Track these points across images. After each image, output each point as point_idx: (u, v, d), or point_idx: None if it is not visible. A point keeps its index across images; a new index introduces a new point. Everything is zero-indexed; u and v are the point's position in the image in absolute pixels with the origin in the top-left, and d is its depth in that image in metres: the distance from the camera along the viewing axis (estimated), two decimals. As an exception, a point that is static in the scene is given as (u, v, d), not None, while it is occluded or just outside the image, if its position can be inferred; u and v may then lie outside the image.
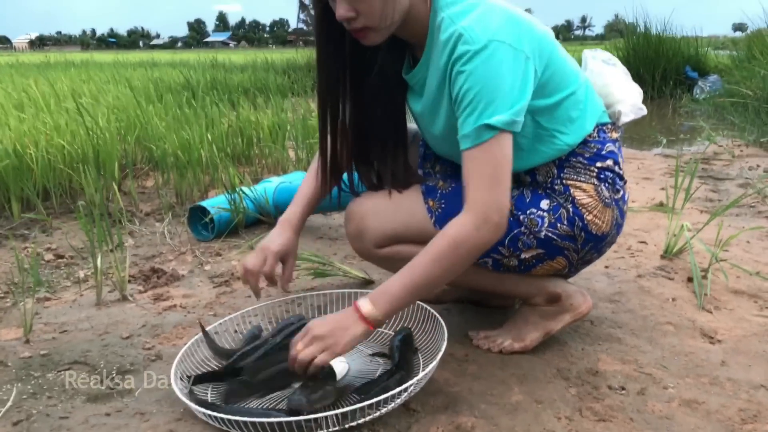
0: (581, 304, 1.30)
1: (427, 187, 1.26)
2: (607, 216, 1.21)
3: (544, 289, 1.28)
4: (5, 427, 1.06)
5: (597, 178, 1.19)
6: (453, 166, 1.31)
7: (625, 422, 1.05)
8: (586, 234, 1.20)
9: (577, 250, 1.22)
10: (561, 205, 1.19)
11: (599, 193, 1.19)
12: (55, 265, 1.87)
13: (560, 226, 1.18)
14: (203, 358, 1.24)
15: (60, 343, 1.37)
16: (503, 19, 1.05)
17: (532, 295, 1.30)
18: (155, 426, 1.06)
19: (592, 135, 1.20)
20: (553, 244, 1.19)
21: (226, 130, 3.03)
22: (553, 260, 1.22)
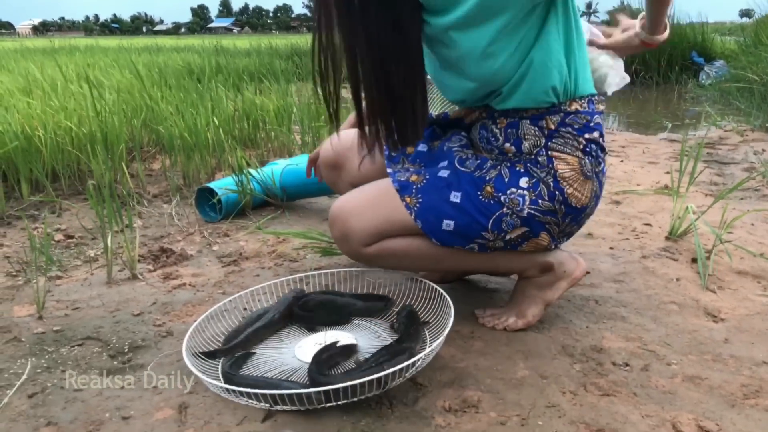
0: (575, 269, 1.31)
1: (401, 184, 1.23)
2: (587, 188, 1.20)
3: (536, 260, 1.29)
4: (21, 399, 1.09)
5: (582, 150, 1.18)
6: (424, 158, 1.30)
7: (629, 397, 1.07)
8: (566, 207, 1.19)
9: (558, 224, 1.21)
10: (541, 180, 1.18)
11: (582, 166, 1.18)
12: (65, 245, 1.90)
13: (542, 202, 1.18)
14: (213, 335, 1.26)
15: (72, 319, 1.39)
16: None
17: (525, 269, 1.31)
18: (167, 399, 1.08)
19: (582, 105, 1.18)
20: (536, 220, 1.19)
21: (232, 114, 3.03)
22: (537, 237, 1.22)
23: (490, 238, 1.20)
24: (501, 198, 1.17)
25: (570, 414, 1.02)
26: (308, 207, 2.27)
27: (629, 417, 1.01)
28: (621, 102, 5.57)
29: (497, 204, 1.18)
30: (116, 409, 1.05)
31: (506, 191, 1.18)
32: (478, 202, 1.18)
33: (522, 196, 1.18)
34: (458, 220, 1.19)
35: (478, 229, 1.19)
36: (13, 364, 1.20)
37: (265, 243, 1.87)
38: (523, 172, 1.19)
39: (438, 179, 1.21)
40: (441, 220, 1.19)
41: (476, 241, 1.21)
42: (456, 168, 1.22)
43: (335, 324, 1.31)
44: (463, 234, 1.20)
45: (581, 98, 1.18)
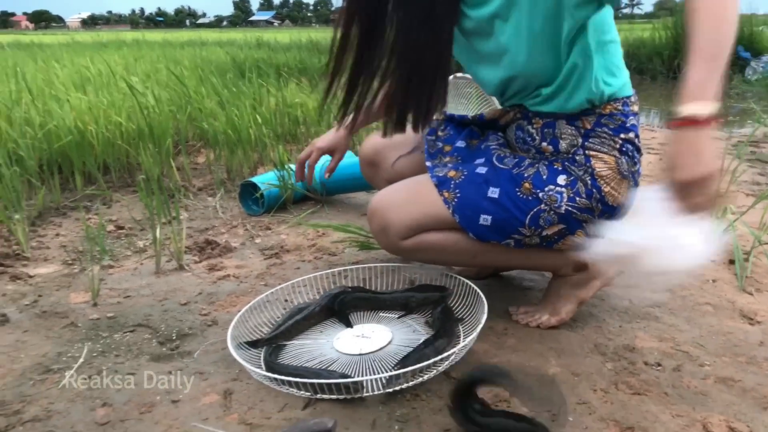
0: (609, 268, 1.32)
1: (439, 179, 1.26)
2: (623, 188, 1.22)
3: (570, 258, 1.30)
4: (78, 380, 1.16)
5: (619, 150, 1.20)
6: (462, 154, 1.33)
7: (660, 396, 1.09)
8: (602, 205, 1.21)
9: (594, 222, 1.23)
10: (578, 178, 1.20)
11: (619, 165, 1.20)
12: (116, 236, 1.99)
13: (579, 200, 1.20)
14: (256, 324, 1.32)
15: (124, 307, 1.47)
16: None
17: (560, 267, 1.33)
18: (213, 384, 1.14)
19: (617, 107, 1.20)
20: (573, 217, 1.21)
21: (273, 110, 3.10)
22: (573, 234, 1.23)
23: (526, 234, 1.22)
24: (539, 194, 1.19)
25: (600, 411, 1.05)
26: (347, 202, 2.32)
27: (659, 416, 1.03)
28: (663, 98, 5.47)
29: (535, 200, 1.20)
30: (166, 392, 1.12)
31: (544, 188, 1.20)
32: (516, 197, 1.20)
33: (560, 193, 1.19)
34: (496, 215, 1.21)
35: (516, 225, 1.21)
36: (70, 347, 1.28)
37: (305, 237, 1.92)
38: (561, 170, 1.21)
39: (476, 175, 1.24)
40: (478, 214, 1.22)
41: (513, 236, 1.23)
42: (494, 165, 1.25)
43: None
44: (500, 229, 1.22)
45: (616, 101, 1.20)
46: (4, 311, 1.43)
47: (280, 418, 1.03)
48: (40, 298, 1.52)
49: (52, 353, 1.26)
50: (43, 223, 2.10)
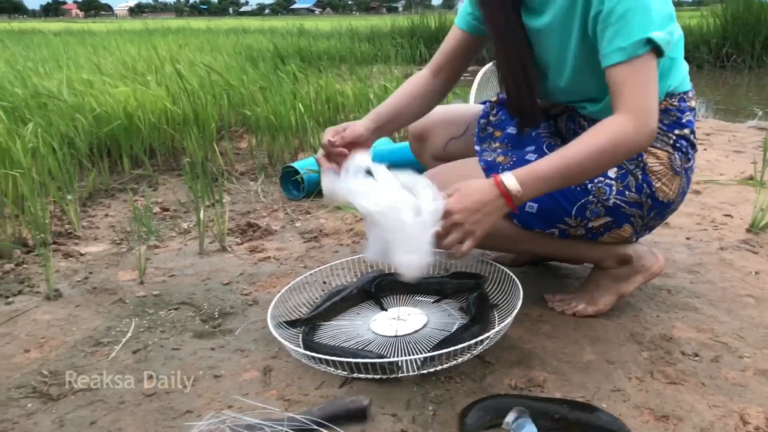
0: (653, 264, 1.32)
1: (487, 163, 1.26)
2: (675, 184, 1.21)
3: (614, 251, 1.30)
4: (126, 354, 1.22)
5: (672, 146, 1.20)
6: (512, 140, 1.33)
7: (697, 386, 1.08)
8: (652, 201, 1.20)
9: (642, 217, 1.23)
10: (629, 172, 1.19)
11: (672, 161, 1.20)
12: (161, 217, 2.05)
13: (628, 194, 1.19)
14: (295, 305, 1.36)
15: (169, 285, 1.52)
16: None
17: (603, 259, 1.32)
18: (253, 361, 1.18)
19: (672, 103, 1.19)
20: (621, 211, 1.20)
21: (314, 97, 3.14)
22: (620, 228, 1.23)
23: (572, 224, 1.22)
24: (588, 185, 1.19)
25: (635, 399, 1.05)
26: (385, 188, 2.34)
27: (695, 406, 1.03)
28: (709, 87, 5.32)
29: (583, 191, 1.19)
30: (209, 368, 1.16)
31: (594, 179, 1.19)
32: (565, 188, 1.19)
33: (609, 185, 1.19)
34: (542, 204, 1.20)
35: (562, 215, 1.21)
36: (119, 323, 1.34)
37: (343, 221, 1.96)
38: None
39: (525, 162, 1.23)
40: (525, 202, 1.23)
41: (558, 226, 1.23)
42: (544, 153, 1.24)
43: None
44: (546, 218, 1.22)
45: (672, 96, 1.19)
46: (57, 287, 1.50)
47: (317, 395, 1.07)
48: (90, 275, 1.58)
49: (102, 327, 1.32)
50: (93, 203, 2.18)
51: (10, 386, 1.10)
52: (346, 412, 0.99)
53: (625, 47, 1.01)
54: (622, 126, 1.02)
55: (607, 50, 1.04)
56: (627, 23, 1.01)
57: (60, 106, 2.49)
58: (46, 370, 1.15)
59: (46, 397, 1.07)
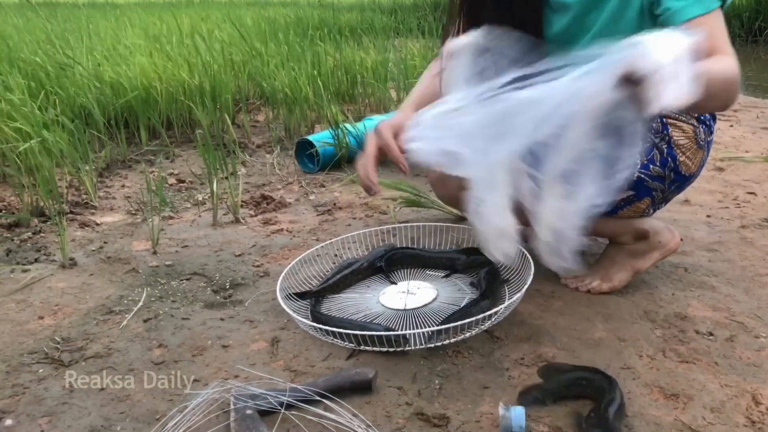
0: (669, 240, 1.30)
1: None
2: (698, 157, 1.20)
3: (631, 226, 1.28)
4: (137, 322, 1.23)
5: (697, 119, 1.18)
6: None
7: (709, 365, 1.06)
8: (675, 175, 1.20)
9: (663, 190, 1.22)
10: (654, 145, 1.17)
11: (696, 134, 1.18)
12: (176, 189, 2.06)
13: (652, 168, 1.18)
14: (306, 277, 1.36)
15: (182, 256, 1.53)
16: None
17: (620, 234, 1.30)
18: (262, 332, 1.18)
19: None
20: (644, 185, 1.20)
21: (332, 69, 3.11)
22: (640, 201, 1.22)
23: None
24: None
25: (645, 377, 1.03)
26: (401, 162, 2.32)
27: (707, 385, 1.01)
28: (741, 62, 5.16)
29: None
30: (217, 338, 1.17)
31: None
32: None
33: None
34: None
35: None
36: (131, 292, 1.35)
37: (357, 195, 1.94)
38: None
39: None
40: None
41: None
42: None
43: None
44: None
45: None
46: (72, 255, 1.52)
47: (324, 367, 1.07)
48: (105, 245, 1.60)
49: (114, 296, 1.33)
50: (110, 174, 2.19)
51: (23, 352, 1.12)
52: (351, 383, 0.98)
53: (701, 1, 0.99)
54: (735, 65, 0.97)
55: (681, 4, 1.00)
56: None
57: (79, 75, 2.50)
58: (58, 337, 1.17)
59: (57, 363, 1.09)
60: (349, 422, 0.90)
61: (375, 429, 0.90)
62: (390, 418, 0.93)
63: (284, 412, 0.93)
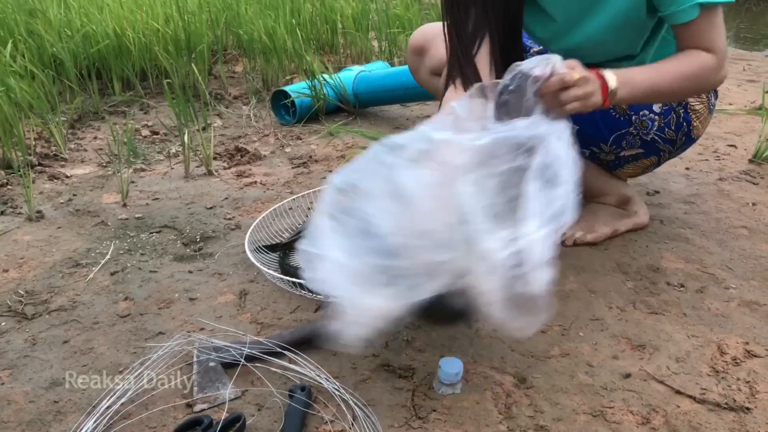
0: (643, 214, 1.35)
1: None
2: (707, 122, 1.26)
3: (618, 189, 1.33)
4: (104, 275, 1.21)
5: None
6: None
7: (678, 317, 1.06)
8: (686, 138, 1.24)
9: (671, 152, 1.27)
10: (673, 109, 1.20)
11: (709, 100, 1.23)
12: (150, 141, 2.01)
13: (667, 131, 1.22)
14: (278, 230, 1.34)
15: (152, 209, 1.50)
16: None
17: (605, 194, 1.33)
18: (230, 285, 1.17)
19: None
20: (655, 145, 1.23)
21: (310, 17, 3.02)
22: (647, 159, 1.27)
23: (605, 150, 1.25)
24: (632, 117, 1.20)
25: (613, 328, 1.03)
26: (380, 115, 2.28)
27: (674, 335, 1.01)
28: (731, 13, 5.09)
29: (626, 122, 1.21)
30: (185, 290, 1.15)
31: (639, 111, 1.20)
32: (608, 116, 1.21)
33: (652, 120, 1.21)
34: (584, 127, 1.16)
35: (599, 140, 1.23)
36: (99, 245, 1.33)
37: (334, 147, 1.91)
38: None
39: None
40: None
41: (591, 148, 1.25)
42: None
43: None
44: (583, 140, 1.18)
45: None
46: (40, 208, 1.48)
47: (291, 319, 1.06)
48: (74, 197, 1.56)
49: (81, 249, 1.31)
50: (82, 126, 2.14)
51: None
52: (317, 336, 0.97)
53: (704, 1, 1.00)
54: (708, 59, 1.04)
55: (683, 6, 1.02)
56: None
57: (49, 24, 2.41)
58: (22, 290, 1.15)
59: (20, 316, 1.07)
60: (313, 373, 0.90)
61: (335, 381, 0.89)
62: (356, 370, 0.93)
63: (247, 364, 0.92)
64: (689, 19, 1.02)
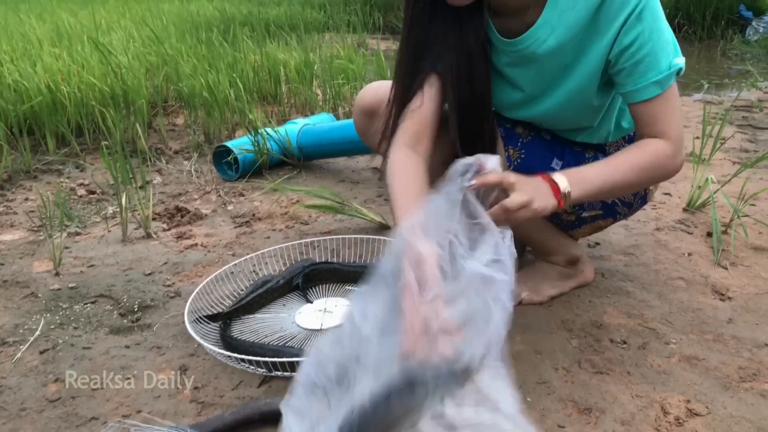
0: (590, 273, 1.38)
1: (507, 131, 1.24)
2: (659, 184, 1.31)
3: (569, 250, 1.33)
4: (33, 354, 1.14)
5: None
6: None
7: (622, 375, 1.07)
8: (641, 201, 1.27)
9: (626, 214, 1.29)
10: None
11: None
12: (87, 201, 1.95)
13: (626, 195, 1.24)
14: (219, 297, 1.30)
15: (87, 276, 1.44)
16: None
17: (556, 253, 1.34)
18: (169, 360, 1.12)
19: None
20: (614, 208, 1.26)
21: (254, 69, 3.02)
22: (603, 221, 1.29)
23: (568, 210, 1.25)
24: None
25: (560, 391, 1.03)
26: (325, 167, 2.27)
27: (619, 397, 1.01)
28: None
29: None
30: (121, 368, 1.10)
31: None
32: None
33: None
34: None
35: None
36: (28, 319, 1.26)
37: (278, 204, 1.89)
38: None
39: (542, 139, 1.24)
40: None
41: None
42: (558, 136, 1.25)
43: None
44: None
45: None
46: (-37, 280, 1.40)
47: (234, 397, 1.02)
48: (1, 267, 1.49)
49: (8, 325, 1.24)
50: (12, 187, 2.05)
51: None
52: (260, 415, 0.94)
53: (660, 81, 1.02)
54: (663, 148, 1.03)
55: (639, 85, 1.03)
56: (656, 57, 1.01)
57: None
58: (-59, 376, 1.07)
59: (-62, 407, 1.00)
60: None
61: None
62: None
63: (186, 453, 0.87)
64: (645, 98, 1.03)
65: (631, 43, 1.01)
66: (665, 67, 1.01)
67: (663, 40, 1.01)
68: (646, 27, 1.00)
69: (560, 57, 1.08)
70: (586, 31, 1.05)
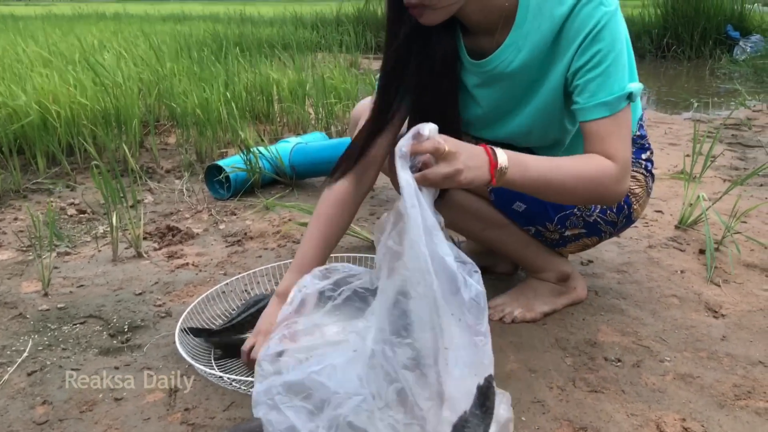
0: (581, 289, 1.37)
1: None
2: (646, 203, 1.30)
3: (558, 267, 1.34)
4: (20, 377, 1.12)
5: (645, 168, 1.27)
6: None
7: (617, 394, 1.07)
8: (626, 220, 1.27)
9: (611, 233, 1.30)
10: None
11: (647, 183, 1.27)
12: (77, 220, 1.93)
13: (609, 213, 1.25)
14: (210, 317, 1.28)
15: (76, 297, 1.42)
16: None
17: (546, 270, 1.34)
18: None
19: (636, 132, 1.25)
20: (597, 227, 1.26)
21: (246, 88, 3.03)
22: (588, 239, 1.29)
23: (549, 229, 1.26)
24: None
25: (555, 410, 1.02)
26: (318, 186, 2.27)
27: (614, 416, 1.01)
28: (651, 77, 5.42)
29: (571, 205, 1.23)
30: (109, 390, 1.08)
31: None
32: None
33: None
34: (531, 207, 1.23)
35: (544, 219, 1.25)
36: (16, 341, 1.24)
37: (270, 222, 1.88)
38: None
39: None
40: (514, 200, 1.24)
41: (537, 225, 1.26)
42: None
43: None
44: (529, 218, 1.25)
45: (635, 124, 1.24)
46: (-50, 301, 1.38)
47: (224, 418, 1.00)
48: (-11, 288, 1.47)
49: (-5, 347, 1.22)
50: (1, 206, 2.03)
51: None
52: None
53: (609, 102, 1.02)
54: (609, 167, 1.02)
55: (588, 104, 1.03)
56: (608, 78, 1.02)
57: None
58: (-75, 400, 1.05)
59: None
60: (247, 484, 0.84)
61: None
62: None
63: (175, 477, 0.85)
64: (593, 118, 1.03)
65: (587, 62, 1.02)
66: (617, 89, 1.01)
67: (619, 63, 1.02)
68: (603, 47, 1.01)
69: (527, 75, 1.10)
70: (550, 50, 1.06)
